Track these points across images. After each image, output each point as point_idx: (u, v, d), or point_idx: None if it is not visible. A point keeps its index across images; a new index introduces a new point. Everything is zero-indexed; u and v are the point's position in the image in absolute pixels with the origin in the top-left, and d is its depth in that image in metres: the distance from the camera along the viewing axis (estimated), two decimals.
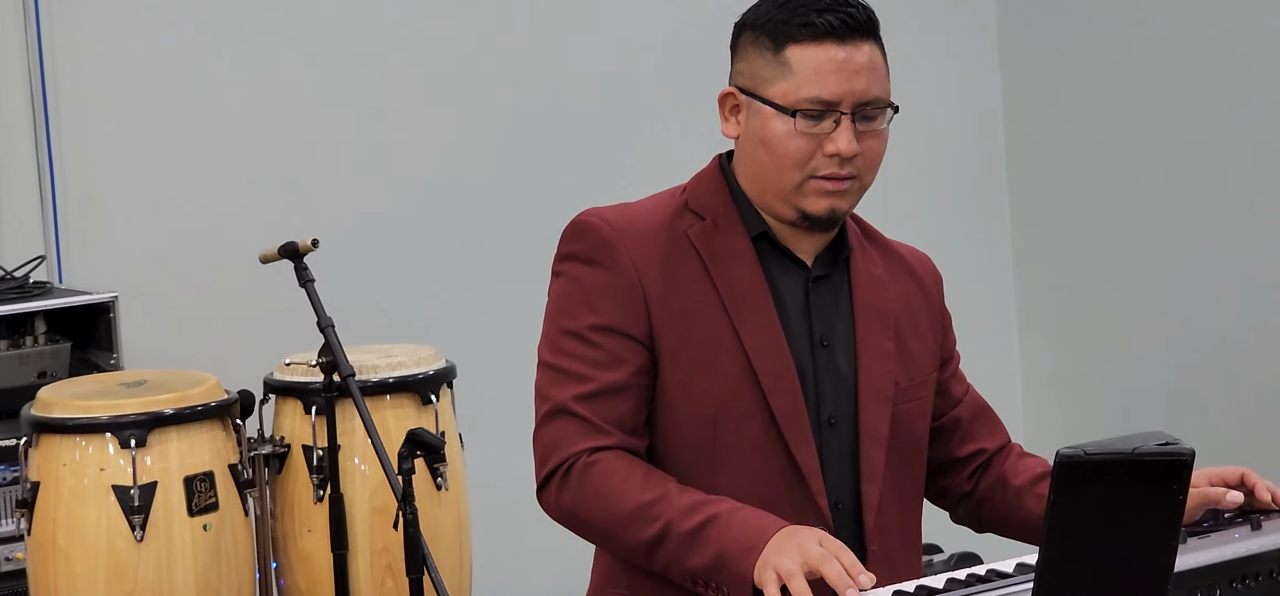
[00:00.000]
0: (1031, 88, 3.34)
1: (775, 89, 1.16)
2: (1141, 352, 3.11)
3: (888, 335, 1.29)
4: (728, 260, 1.22)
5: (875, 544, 1.22)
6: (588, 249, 1.22)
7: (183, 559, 1.90)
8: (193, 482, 1.90)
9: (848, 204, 1.21)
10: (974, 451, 1.36)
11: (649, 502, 1.15)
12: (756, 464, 1.22)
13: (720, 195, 1.24)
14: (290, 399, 2.08)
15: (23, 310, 2.26)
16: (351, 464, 2.02)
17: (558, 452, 1.18)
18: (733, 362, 1.20)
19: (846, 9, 1.16)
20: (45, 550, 1.89)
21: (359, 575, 2.01)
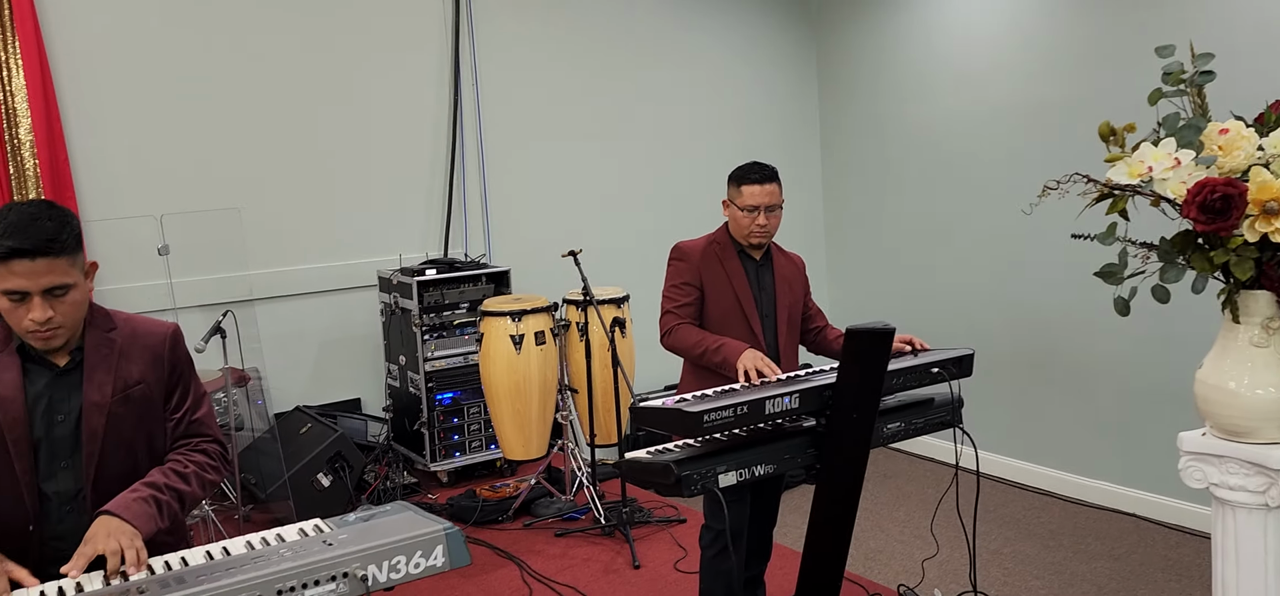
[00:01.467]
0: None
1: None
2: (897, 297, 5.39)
3: (786, 288, 3.77)
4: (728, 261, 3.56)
5: (782, 361, 3.50)
6: (678, 255, 3.48)
7: (534, 361, 4.88)
8: (534, 334, 4.89)
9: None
10: (815, 327, 3.68)
11: (702, 339, 3.35)
12: (738, 331, 3.32)
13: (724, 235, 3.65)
14: (572, 306, 5.00)
15: (476, 274, 5.43)
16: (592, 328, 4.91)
17: (666, 324, 3.68)
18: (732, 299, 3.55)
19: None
20: (486, 358, 4.95)
21: (593, 370, 4.89)
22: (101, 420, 2.13)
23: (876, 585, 4.18)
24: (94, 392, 2.13)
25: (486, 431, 5.53)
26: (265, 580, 1.84)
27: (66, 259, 2.03)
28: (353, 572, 1.91)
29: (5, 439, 2.07)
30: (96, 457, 2.13)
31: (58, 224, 2.03)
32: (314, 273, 5.58)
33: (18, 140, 4.82)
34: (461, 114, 5.89)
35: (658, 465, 2.75)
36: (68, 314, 2.07)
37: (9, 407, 2.07)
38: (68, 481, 2.13)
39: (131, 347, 2.21)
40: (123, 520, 2.02)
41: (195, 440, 2.31)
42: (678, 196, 6.48)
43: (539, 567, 4.44)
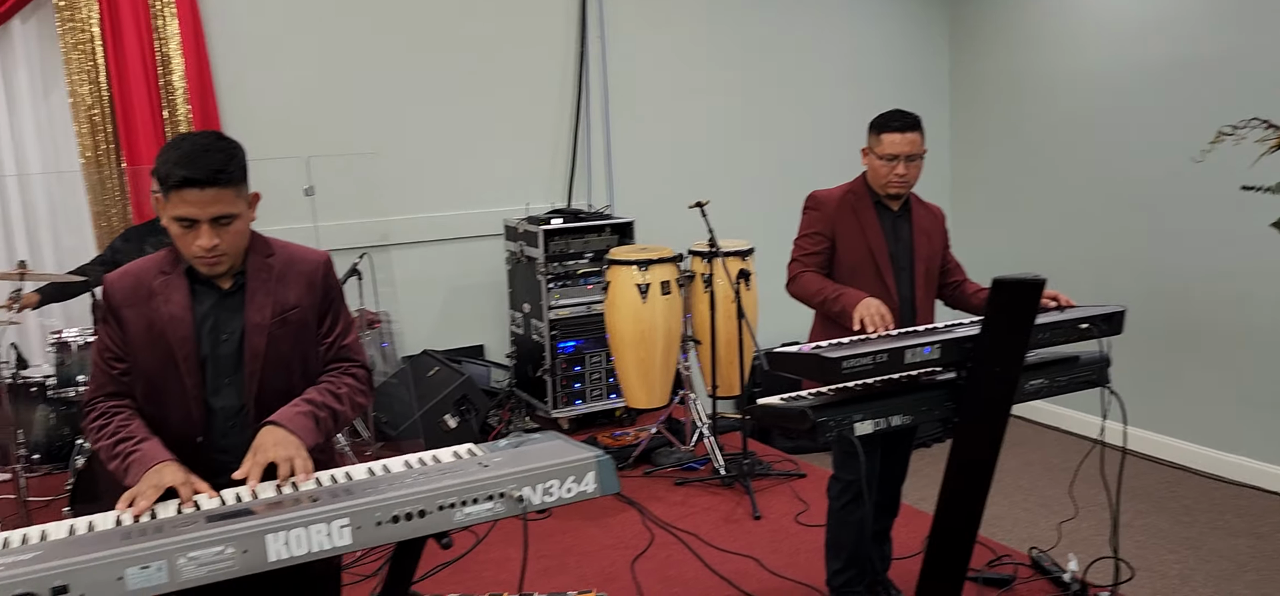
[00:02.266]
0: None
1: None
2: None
3: (925, 240, 3.68)
4: (863, 212, 3.39)
5: (918, 315, 3.36)
6: (812, 204, 3.37)
7: (659, 310, 4.91)
8: (660, 284, 4.92)
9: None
10: (954, 281, 3.45)
11: (824, 287, 3.23)
12: (869, 284, 3.22)
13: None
14: (697, 257, 5.01)
15: (601, 224, 5.48)
16: (717, 280, 4.91)
17: (792, 271, 3.58)
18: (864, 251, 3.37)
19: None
20: (612, 306, 5.01)
21: (717, 321, 4.90)
22: (262, 340, 2.23)
23: (1005, 547, 4.10)
24: (255, 314, 2.23)
25: (607, 380, 5.60)
26: (427, 494, 1.91)
27: (233, 190, 2.12)
28: (509, 493, 1.97)
29: (176, 356, 2.19)
30: (257, 376, 2.23)
31: (226, 155, 2.13)
32: (443, 220, 5.72)
33: (171, 86, 5.05)
34: (587, 65, 5.93)
35: (793, 410, 2.74)
36: (232, 242, 2.16)
37: (179, 326, 2.19)
38: (231, 397, 2.24)
39: (288, 273, 2.30)
40: (288, 431, 2.12)
41: (345, 364, 2.39)
42: (805, 150, 6.42)
43: (660, 514, 4.49)
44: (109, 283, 2.25)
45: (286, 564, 1.81)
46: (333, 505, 1.86)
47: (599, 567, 4.02)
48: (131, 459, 2.09)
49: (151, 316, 2.20)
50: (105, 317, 2.24)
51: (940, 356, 2.74)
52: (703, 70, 6.22)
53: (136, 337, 2.20)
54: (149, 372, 2.22)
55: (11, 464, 4.04)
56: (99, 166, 4.95)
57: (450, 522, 1.93)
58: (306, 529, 1.82)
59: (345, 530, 1.84)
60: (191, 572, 1.74)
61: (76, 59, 4.87)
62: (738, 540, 4.23)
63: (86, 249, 4.98)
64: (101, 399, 2.24)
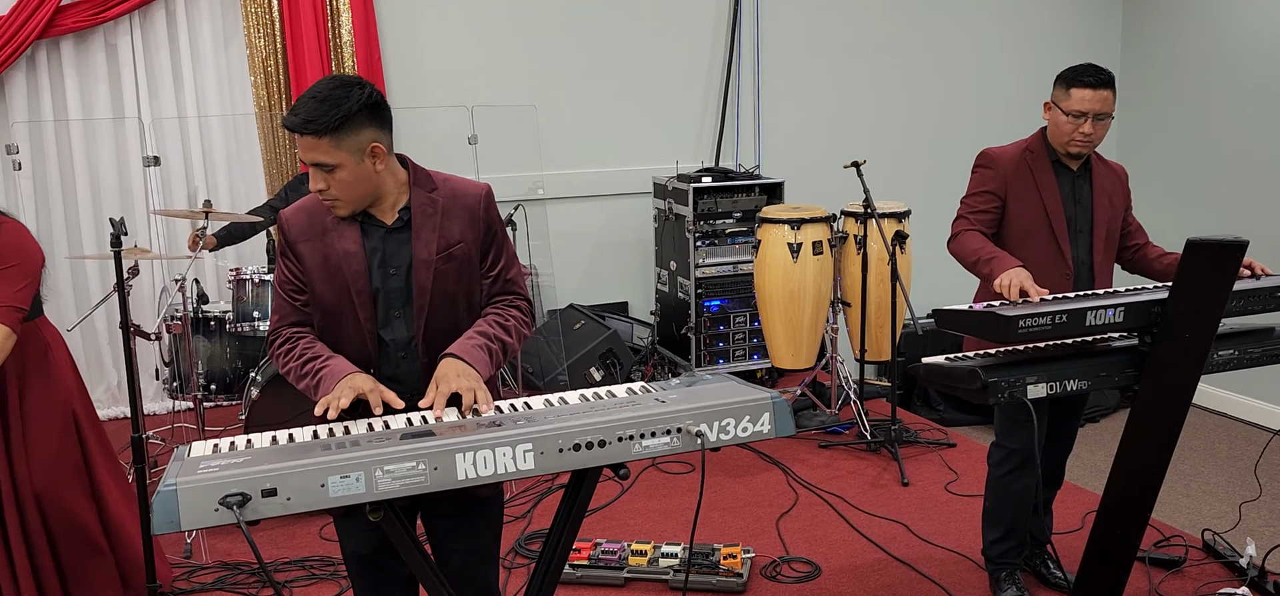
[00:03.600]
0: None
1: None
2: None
3: (1106, 201, 3.34)
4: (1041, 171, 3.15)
5: (1097, 279, 3.15)
6: (984, 161, 3.20)
7: (810, 270, 4.85)
8: (812, 244, 4.86)
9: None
10: (1135, 244, 3.25)
11: (982, 247, 3.02)
12: (1042, 248, 3.08)
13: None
14: (850, 218, 4.92)
15: (750, 183, 5.44)
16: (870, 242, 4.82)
17: (955, 228, 3.30)
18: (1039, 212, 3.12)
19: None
20: (762, 264, 4.97)
21: (868, 284, 4.81)
22: (428, 275, 2.28)
23: (1173, 528, 3.92)
24: (422, 250, 2.28)
25: (751, 341, 5.58)
26: (607, 425, 1.94)
27: (328, 139, 2.11)
28: (687, 428, 1.98)
29: (350, 290, 2.26)
30: (425, 310, 2.28)
31: (323, 105, 2.11)
32: (593, 176, 5.79)
33: (339, 39, 5.24)
34: (741, 24, 5.88)
35: (961, 370, 2.67)
36: (342, 189, 2.17)
37: (352, 262, 2.26)
38: (401, 329, 2.30)
39: (453, 207, 2.32)
40: (466, 363, 2.18)
41: (509, 297, 2.42)
42: (964, 111, 6.23)
43: (804, 475, 4.46)
44: (284, 218, 2.33)
45: (474, 483, 1.87)
46: (517, 430, 1.91)
47: (744, 523, 4.02)
48: (322, 373, 2.18)
49: (326, 251, 2.27)
50: (284, 252, 2.33)
51: (1125, 320, 2.63)
52: (858, 27, 6.09)
53: (313, 270, 2.28)
54: (325, 305, 2.29)
55: (192, 393, 4.29)
56: (271, 114, 5.19)
57: (629, 454, 1.96)
58: (493, 451, 1.87)
59: (529, 455, 1.89)
60: (387, 485, 1.81)
61: (254, 11, 5.10)
62: (885, 505, 4.17)
63: (258, 193, 5.23)
64: (285, 326, 2.33)
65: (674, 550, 3.67)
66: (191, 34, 5.12)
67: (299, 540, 3.87)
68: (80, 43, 4.97)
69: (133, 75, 5.04)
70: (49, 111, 4.96)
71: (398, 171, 2.31)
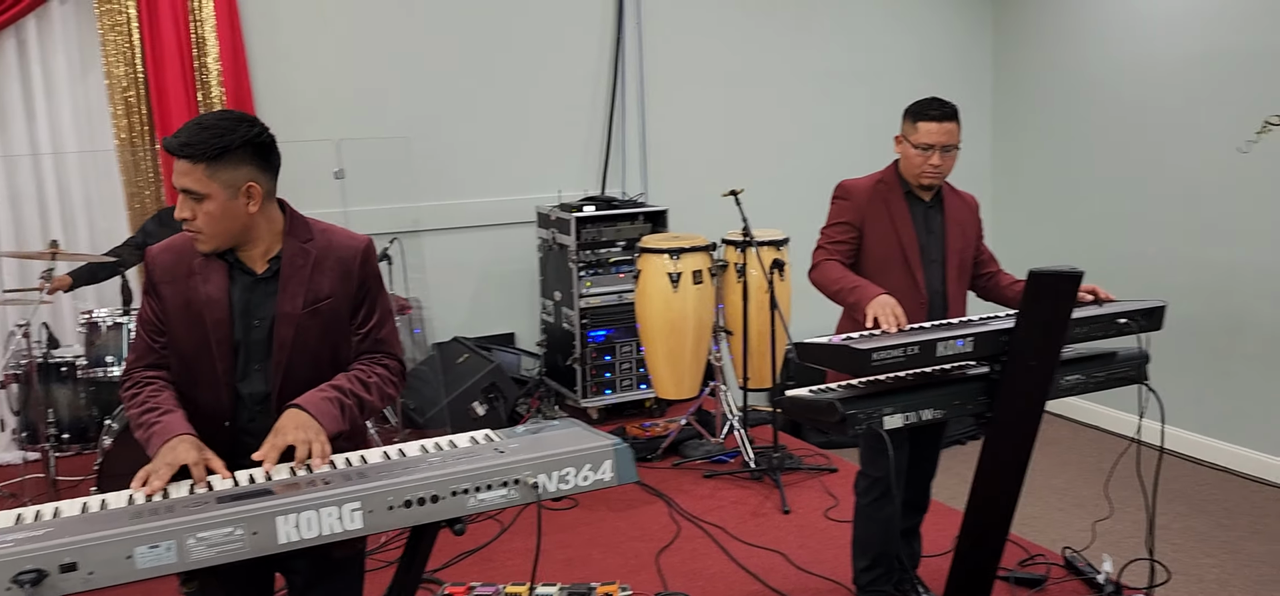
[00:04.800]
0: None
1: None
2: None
3: (959, 231, 3.56)
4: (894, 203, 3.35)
5: (949, 308, 3.24)
6: (841, 193, 3.24)
7: (691, 299, 4.84)
8: (692, 273, 4.86)
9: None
10: (987, 273, 3.33)
11: (843, 278, 3.10)
12: (897, 277, 3.11)
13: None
14: (730, 247, 4.94)
15: (634, 212, 5.43)
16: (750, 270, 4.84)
17: (815, 258, 3.52)
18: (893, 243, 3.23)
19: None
20: (642, 295, 4.94)
21: (749, 312, 4.82)
22: (290, 330, 2.19)
23: (1038, 547, 4.01)
24: (286, 303, 2.19)
25: (638, 371, 5.55)
26: (441, 480, 1.88)
27: (203, 168, 2.05)
28: (524, 480, 1.93)
29: (211, 338, 2.16)
30: (283, 365, 2.19)
31: (205, 133, 2.06)
32: (475, 206, 5.70)
33: (206, 68, 5.07)
34: (623, 53, 5.88)
35: (821, 403, 2.68)
36: (206, 223, 2.10)
37: (215, 309, 2.16)
38: (259, 383, 2.20)
39: (325, 259, 2.24)
40: (309, 415, 2.09)
41: (377, 355, 2.34)
42: (841, 140, 6.33)
43: (687, 506, 4.44)
44: (151, 256, 2.23)
45: (296, 546, 1.78)
46: (345, 488, 1.83)
47: (624, 559, 3.98)
48: (153, 430, 2.07)
49: (190, 295, 2.17)
50: (147, 290, 2.23)
51: (974, 350, 2.67)
52: (738, 58, 6.14)
53: (174, 314, 2.18)
54: (183, 351, 2.20)
55: (41, 443, 4.07)
56: (133, 148, 4.98)
57: (463, 508, 1.90)
58: (317, 511, 1.79)
59: (356, 514, 1.81)
60: (201, 553, 1.72)
61: (113, 40, 4.90)
62: (765, 534, 4.17)
63: (120, 230, 5.01)
64: (139, 369, 2.23)
65: (550, 591, 3.60)
66: (45, 65, 4.89)
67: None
68: None
69: None
70: None
71: (275, 218, 2.21)
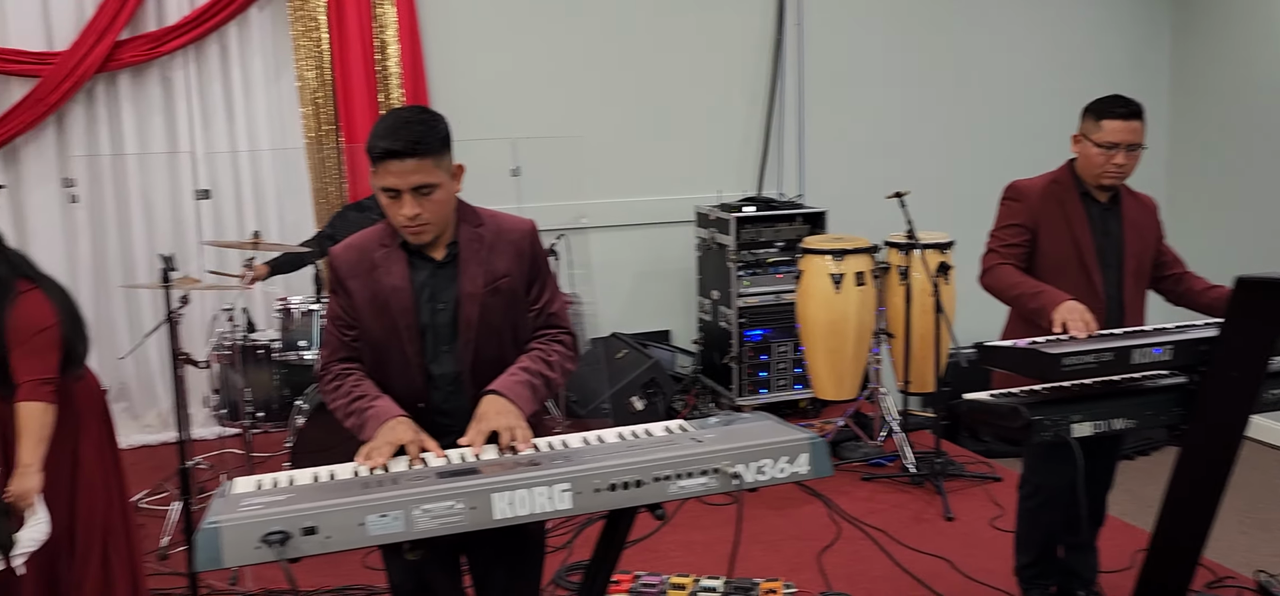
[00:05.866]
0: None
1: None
2: None
3: (1136, 234, 3.31)
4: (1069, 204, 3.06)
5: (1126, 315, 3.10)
6: (1013, 194, 3.13)
7: (853, 300, 4.81)
8: (855, 275, 4.83)
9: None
10: (1174, 274, 3.16)
11: (1021, 282, 3.00)
12: (1073, 281, 2.98)
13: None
14: (893, 249, 4.88)
15: (793, 213, 5.43)
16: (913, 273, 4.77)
17: (986, 262, 3.37)
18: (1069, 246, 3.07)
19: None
20: (804, 294, 4.94)
21: (912, 315, 4.75)
22: (475, 309, 2.30)
23: (1226, 569, 3.82)
24: (468, 284, 2.30)
25: (793, 371, 5.55)
26: (643, 465, 1.95)
27: (432, 160, 2.17)
28: (723, 469, 1.98)
29: (398, 324, 2.29)
30: (472, 344, 2.31)
31: (425, 127, 2.20)
32: (636, 205, 5.81)
33: (387, 70, 5.33)
34: (783, 53, 5.88)
35: (1004, 407, 2.64)
36: (434, 212, 2.21)
37: (400, 296, 2.29)
38: (448, 364, 2.32)
39: (498, 241, 2.35)
40: (508, 400, 2.20)
41: (553, 331, 2.44)
42: (1010, 141, 6.16)
43: (846, 508, 4.42)
44: (334, 255, 2.36)
45: (510, 522, 1.88)
46: (554, 470, 1.92)
47: (784, 557, 3.99)
48: (367, 415, 2.20)
49: (375, 287, 2.30)
50: (334, 288, 2.37)
51: (1172, 358, 2.58)
52: (902, 56, 6.07)
53: (362, 306, 2.31)
54: (375, 340, 2.33)
55: (240, 420, 4.36)
56: (320, 146, 5.28)
57: (665, 494, 1.96)
58: (530, 491, 1.88)
59: (566, 494, 1.90)
60: (424, 523, 1.83)
61: (305, 45, 5.21)
62: (929, 540, 4.11)
63: (306, 223, 5.32)
64: (335, 362, 2.36)
65: (714, 584, 3.65)
66: (244, 67, 5.23)
67: (341, 568, 3.91)
68: (136, 77, 5.10)
69: (186, 108, 5.17)
70: (106, 144, 5.10)
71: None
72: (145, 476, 4.63)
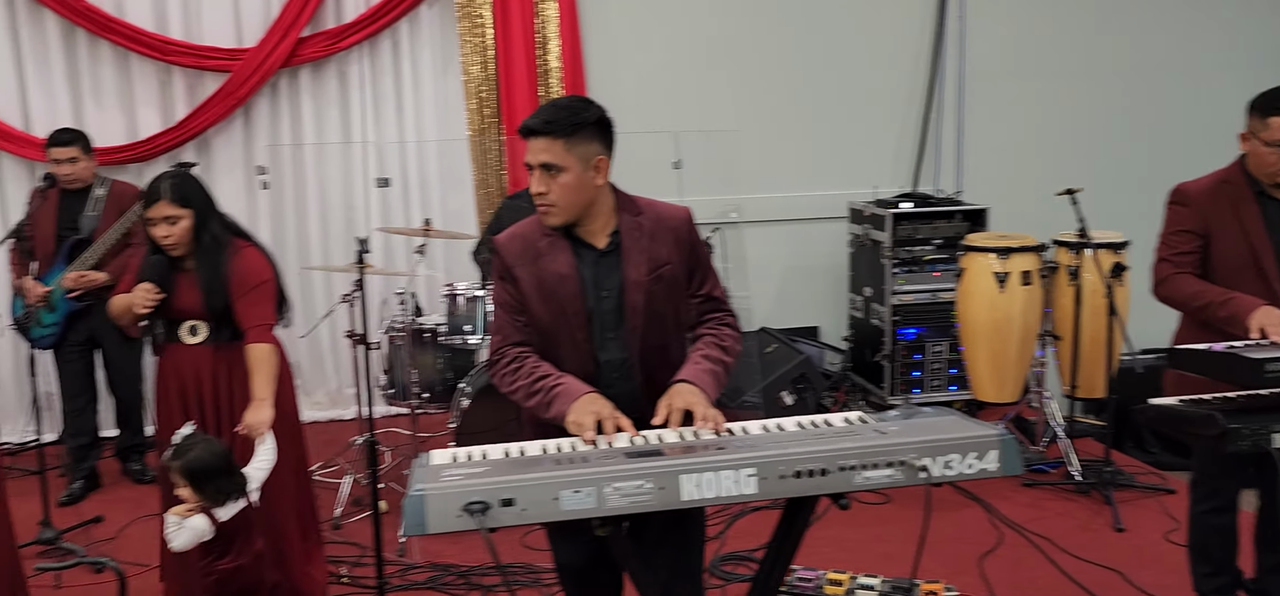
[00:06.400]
0: None
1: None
2: None
3: None
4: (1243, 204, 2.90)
5: None
6: (1179, 198, 3.01)
7: (1018, 301, 4.66)
8: (1021, 274, 4.68)
9: None
10: None
11: (1205, 291, 2.86)
12: (1250, 286, 2.82)
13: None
14: (1063, 248, 4.71)
15: (952, 210, 5.30)
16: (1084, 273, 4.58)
17: (1160, 273, 3.07)
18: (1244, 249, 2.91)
19: None
20: (965, 293, 4.82)
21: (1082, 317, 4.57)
22: (640, 295, 2.34)
23: None
24: (633, 271, 2.34)
25: (948, 371, 5.42)
26: (829, 454, 1.95)
27: (562, 142, 2.23)
28: (910, 462, 1.96)
29: (567, 311, 2.34)
30: (638, 329, 2.35)
31: (565, 112, 2.25)
32: (787, 200, 5.78)
33: (547, 65, 5.45)
34: (944, 46, 5.75)
35: (1197, 414, 2.52)
36: (560, 194, 2.26)
37: (567, 284, 2.34)
38: (615, 350, 2.37)
39: (658, 230, 2.39)
40: (696, 387, 2.23)
41: (718, 315, 2.47)
42: (1184, 137, 5.86)
43: (1008, 514, 4.30)
44: (500, 244, 2.42)
45: (697, 504, 1.91)
46: (741, 454, 1.94)
47: (943, 560, 3.91)
48: (555, 393, 2.26)
49: (541, 274, 2.35)
50: (501, 275, 2.43)
51: None
52: (1071, 47, 5.86)
53: (530, 293, 2.37)
54: (543, 327, 2.38)
55: (408, 400, 4.55)
56: (483, 138, 5.45)
57: (850, 484, 1.96)
58: (717, 474, 1.90)
59: (752, 479, 1.92)
60: (615, 501, 1.88)
61: (470, 40, 5.39)
62: (1098, 550, 3.96)
63: (469, 213, 5.50)
64: (509, 346, 2.42)
65: (871, 582, 3.60)
66: (413, 62, 5.45)
67: (501, 547, 4.02)
68: (316, 71, 5.38)
69: (360, 101, 5.42)
70: (287, 135, 5.39)
71: (609, 197, 2.39)
72: (316, 451, 4.87)
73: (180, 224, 3.05)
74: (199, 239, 3.08)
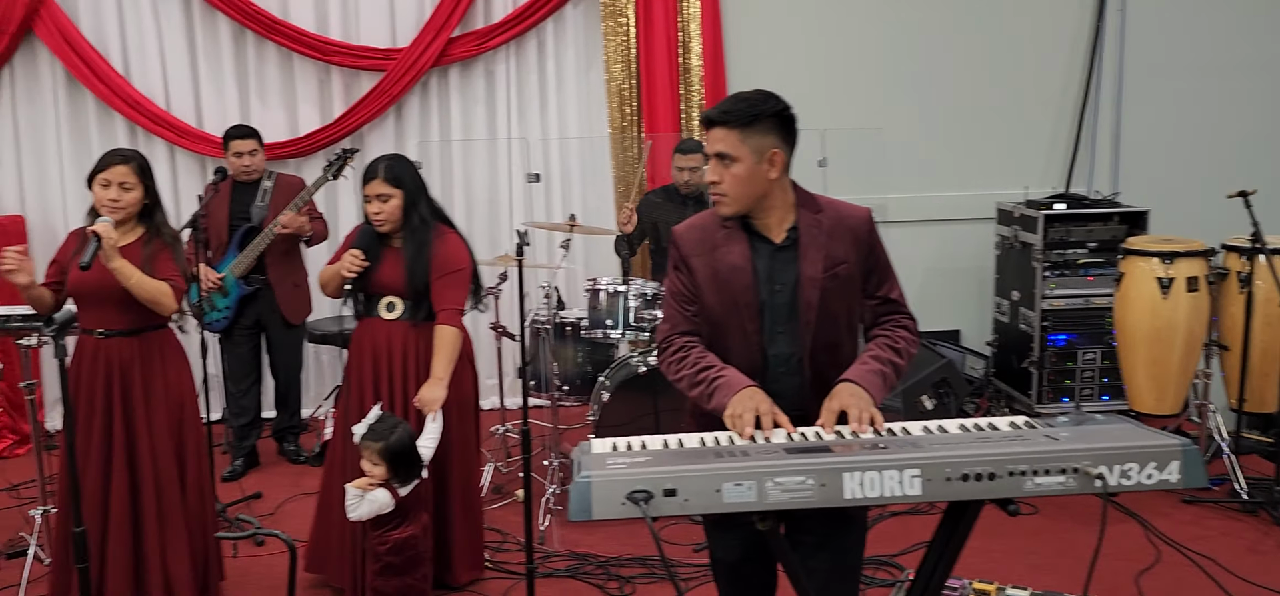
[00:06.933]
0: None
1: None
2: None
3: None
4: None
5: None
6: None
7: (1182, 308, 4.42)
8: (1186, 280, 4.45)
9: None
10: None
11: None
12: None
13: None
14: (1233, 253, 4.45)
15: (1109, 212, 5.08)
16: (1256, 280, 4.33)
17: None
18: None
19: None
20: (1124, 299, 4.60)
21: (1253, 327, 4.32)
22: (815, 292, 2.32)
23: None
24: (809, 268, 2.32)
25: (1101, 380, 5.20)
26: (999, 458, 1.89)
27: (738, 133, 2.24)
28: (1084, 469, 1.89)
29: (738, 302, 2.34)
30: (811, 326, 2.32)
31: (742, 103, 2.26)
32: (933, 200, 5.65)
33: (689, 65, 5.47)
34: (1102, 44, 5.52)
35: None
36: (731, 184, 2.27)
37: (741, 276, 2.34)
38: (784, 345, 2.35)
39: (837, 229, 2.36)
40: (861, 388, 2.20)
41: (896, 317, 2.43)
42: None
43: (1165, 530, 4.10)
44: (678, 234, 2.45)
45: (859, 504, 1.88)
46: (905, 454, 1.90)
47: (1097, 576, 3.70)
48: (717, 384, 2.27)
49: (716, 265, 2.36)
50: (677, 264, 2.45)
51: None
52: (1239, 43, 5.55)
53: (704, 283, 2.38)
54: (713, 317, 2.39)
55: (548, 392, 4.63)
56: (623, 135, 5.51)
57: (1019, 490, 1.90)
58: (881, 474, 1.88)
59: (916, 480, 1.88)
60: (776, 496, 1.87)
61: (614, 40, 5.45)
62: (1269, 574, 3.74)
63: (608, 209, 5.56)
64: (677, 335, 2.44)
65: (1020, 594, 3.49)
66: (557, 61, 5.55)
67: (641, 538, 4.06)
68: (464, 70, 5.53)
69: (505, 99, 5.55)
70: (436, 132, 5.57)
71: (788, 191, 2.38)
72: None
73: (391, 202, 3.30)
74: (408, 219, 3.34)
